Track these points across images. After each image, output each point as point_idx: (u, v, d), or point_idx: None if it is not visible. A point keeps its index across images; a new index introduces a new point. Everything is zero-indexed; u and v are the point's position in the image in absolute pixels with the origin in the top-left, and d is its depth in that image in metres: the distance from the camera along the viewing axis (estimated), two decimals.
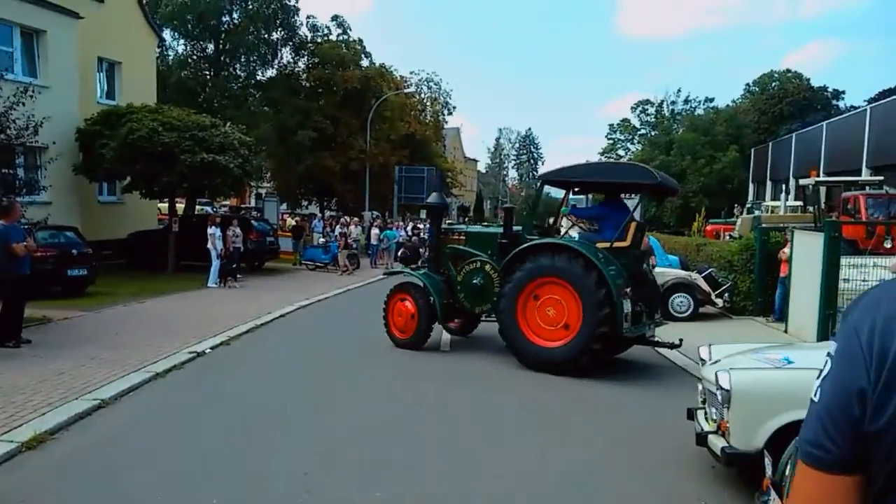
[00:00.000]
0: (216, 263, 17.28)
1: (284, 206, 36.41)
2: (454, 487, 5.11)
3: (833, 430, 1.08)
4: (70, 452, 5.60)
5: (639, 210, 10.69)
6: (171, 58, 33.32)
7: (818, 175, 24.83)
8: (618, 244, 9.10)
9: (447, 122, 50.18)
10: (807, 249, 11.17)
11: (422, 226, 29.92)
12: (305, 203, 40.04)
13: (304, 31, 35.22)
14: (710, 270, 13.98)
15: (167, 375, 8.23)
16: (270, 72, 34.95)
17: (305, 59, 35.84)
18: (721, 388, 4.42)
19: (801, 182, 24.10)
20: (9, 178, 13.14)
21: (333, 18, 36.83)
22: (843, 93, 56.26)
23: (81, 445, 5.78)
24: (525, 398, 7.81)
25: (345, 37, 36.39)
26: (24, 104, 12.40)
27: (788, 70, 58.65)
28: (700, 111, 58.23)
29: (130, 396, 7.30)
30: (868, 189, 20.34)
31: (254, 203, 46.31)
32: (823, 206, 20.85)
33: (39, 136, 13.46)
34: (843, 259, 10.38)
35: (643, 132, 63.24)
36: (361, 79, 34.13)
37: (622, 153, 66.81)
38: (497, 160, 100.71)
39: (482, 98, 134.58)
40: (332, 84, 34.39)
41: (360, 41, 36.91)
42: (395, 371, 9.10)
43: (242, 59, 34.12)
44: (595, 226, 9.75)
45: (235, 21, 33.13)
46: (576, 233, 10.42)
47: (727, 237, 24.53)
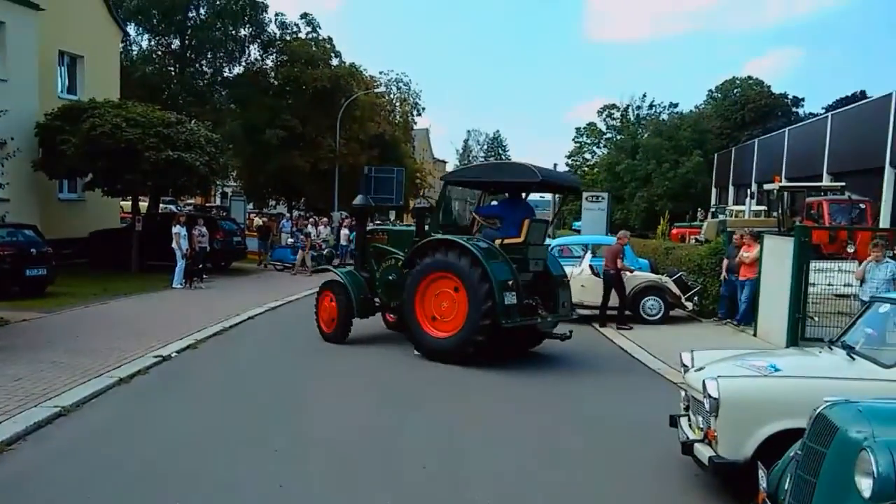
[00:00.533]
0: (181, 264, 16.82)
1: (251, 206, 35.81)
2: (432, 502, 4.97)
3: None
4: (29, 465, 5.32)
5: (551, 208, 11.02)
6: (136, 53, 32.47)
7: (781, 181, 25.38)
8: (511, 241, 9.59)
9: (416, 123, 49.98)
10: (776, 254, 11.29)
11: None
12: (273, 203, 39.45)
13: (273, 29, 34.64)
14: (681, 274, 14.08)
15: (131, 381, 7.94)
16: (237, 69, 34.28)
17: (274, 57, 35.28)
18: (709, 396, 4.36)
19: (766, 187, 24.56)
20: None
21: (303, 16, 36.23)
22: (803, 100, 57.79)
23: (41, 457, 5.50)
24: (499, 406, 7.70)
25: (314, 35, 35.92)
26: None
27: (750, 77, 59.86)
28: (664, 116, 59.06)
29: (93, 404, 7.01)
30: (830, 195, 20.81)
31: (219, 202, 45.50)
32: (787, 211, 21.30)
33: None
34: (810, 264, 10.53)
35: (609, 136, 63.93)
36: (331, 78, 33.70)
37: (588, 156, 67.49)
38: (466, 162, 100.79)
39: (451, 99, 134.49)
40: (302, 82, 33.88)
41: (330, 39, 36.47)
42: (370, 376, 8.91)
43: (209, 56, 33.35)
44: (497, 223, 10.27)
45: (202, 16, 32.39)
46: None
47: (693, 241, 24.89)
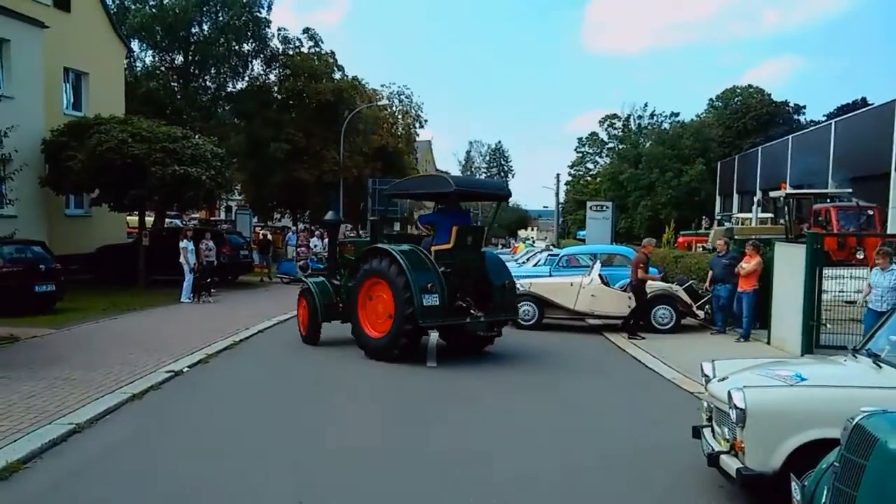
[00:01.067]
0: (189, 278, 16.83)
1: (255, 219, 35.87)
2: None
3: None
4: (45, 483, 5.27)
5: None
6: (139, 69, 32.66)
7: (787, 188, 25.33)
8: (440, 247, 10.26)
9: (419, 135, 50.12)
10: (788, 261, 11.23)
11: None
12: (278, 216, 39.52)
13: (276, 44, 34.84)
14: (691, 282, 14.01)
15: (144, 397, 7.88)
16: (241, 84, 34.45)
17: (277, 72, 35.43)
18: (735, 407, 4.30)
19: (772, 194, 24.52)
20: None
21: (305, 31, 36.48)
22: (805, 108, 57.87)
23: (56, 475, 5.45)
24: (511, 420, 7.62)
25: (317, 49, 36.08)
26: None
27: (750, 85, 60.00)
28: (666, 125, 59.15)
29: (107, 420, 6.95)
30: (837, 201, 20.78)
31: (223, 216, 45.56)
32: (794, 218, 21.27)
33: (4, 147, 13.02)
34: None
35: (611, 146, 64.04)
36: (334, 91, 33.84)
37: (591, 166, 67.61)
38: (468, 172, 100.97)
39: (453, 111, 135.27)
40: (305, 96, 34.03)
41: (333, 54, 36.63)
42: (382, 385, 8.86)
43: (212, 71, 33.55)
44: (431, 231, 10.91)
45: (205, 32, 32.58)
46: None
47: (700, 249, 24.81)
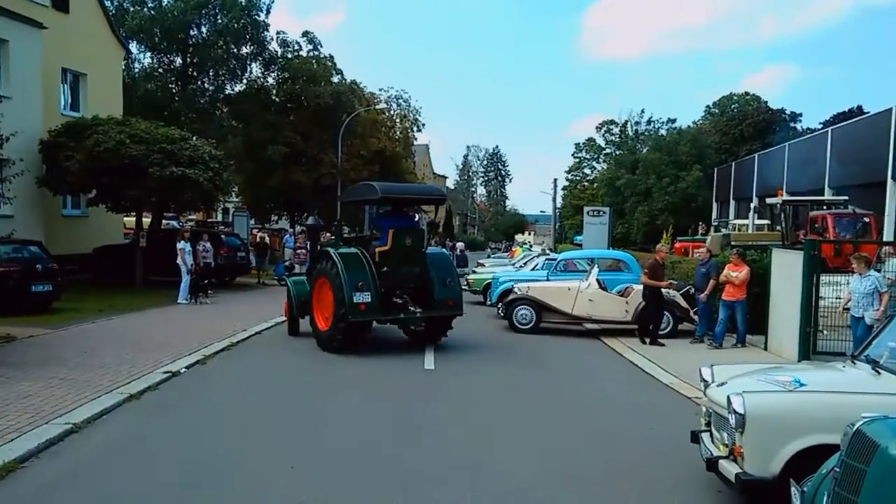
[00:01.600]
0: (186, 279, 16.79)
1: (253, 221, 35.85)
2: None
3: None
4: (41, 483, 5.26)
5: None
6: (137, 70, 32.64)
7: (783, 195, 25.39)
8: (381, 248, 11.23)
9: (416, 139, 50.11)
10: (786, 268, 11.26)
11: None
12: (275, 218, 39.50)
13: (274, 47, 34.87)
14: (688, 288, 14.00)
15: (141, 397, 7.88)
16: (239, 86, 34.47)
17: (275, 75, 35.44)
18: (734, 412, 4.31)
19: (769, 201, 24.57)
20: None
21: (304, 34, 36.43)
22: (801, 115, 58.01)
23: (53, 475, 5.44)
24: (510, 421, 7.62)
25: (315, 52, 36.10)
26: None
27: (747, 93, 60.12)
28: (663, 132, 59.25)
29: (104, 420, 6.95)
30: (834, 208, 20.81)
31: (220, 217, 45.49)
32: (791, 225, 21.30)
33: (4, 151, 13.01)
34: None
35: (608, 151, 64.13)
36: (332, 95, 33.83)
37: (588, 171, 67.68)
38: (465, 177, 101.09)
39: (451, 115, 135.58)
40: (303, 99, 34.03)
41: (331, 57, 36.63)
42: (380, 386, 8.85)
43: (211, 73, 33.57)
44: (377, 234, 11.78)
45: (204, 35, 32.59)
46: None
47: (696, 255, 24.84)
